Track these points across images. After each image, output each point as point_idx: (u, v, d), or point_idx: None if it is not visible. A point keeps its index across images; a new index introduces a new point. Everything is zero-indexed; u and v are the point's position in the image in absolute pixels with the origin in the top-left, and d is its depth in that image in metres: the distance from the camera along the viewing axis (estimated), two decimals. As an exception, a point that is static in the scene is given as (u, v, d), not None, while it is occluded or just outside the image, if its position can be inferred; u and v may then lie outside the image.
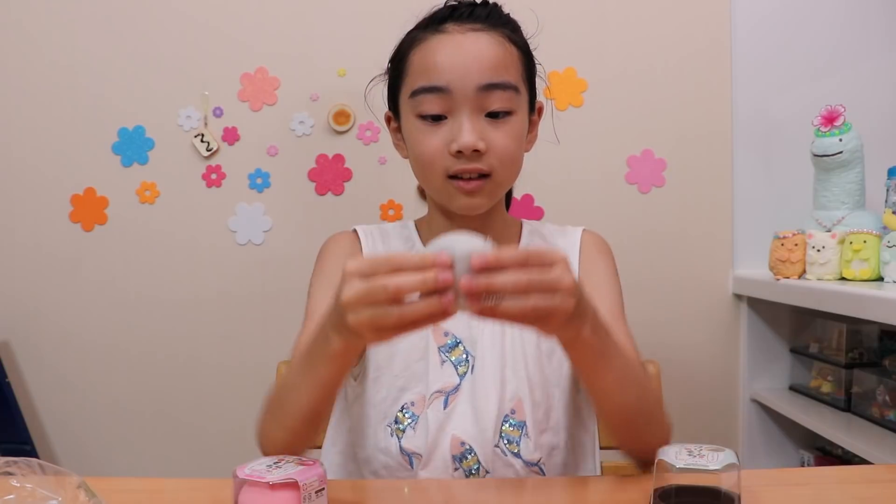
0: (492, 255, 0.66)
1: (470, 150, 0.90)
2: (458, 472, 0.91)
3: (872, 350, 1.55)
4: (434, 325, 0.70)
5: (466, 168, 0.92)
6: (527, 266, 0.66)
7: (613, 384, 0.82)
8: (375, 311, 0.67)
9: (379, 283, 0.66)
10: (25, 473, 0.60)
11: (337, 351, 0.75)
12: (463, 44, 0.93)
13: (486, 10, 0.97)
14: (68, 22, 1.68)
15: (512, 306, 0.66)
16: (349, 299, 0.68)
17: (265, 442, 0.89)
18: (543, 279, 0.67)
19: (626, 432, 0.88)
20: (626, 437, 0.89)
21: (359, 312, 0.67)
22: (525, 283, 0.66)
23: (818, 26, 1.71)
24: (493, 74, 0.92)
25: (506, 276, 0.65)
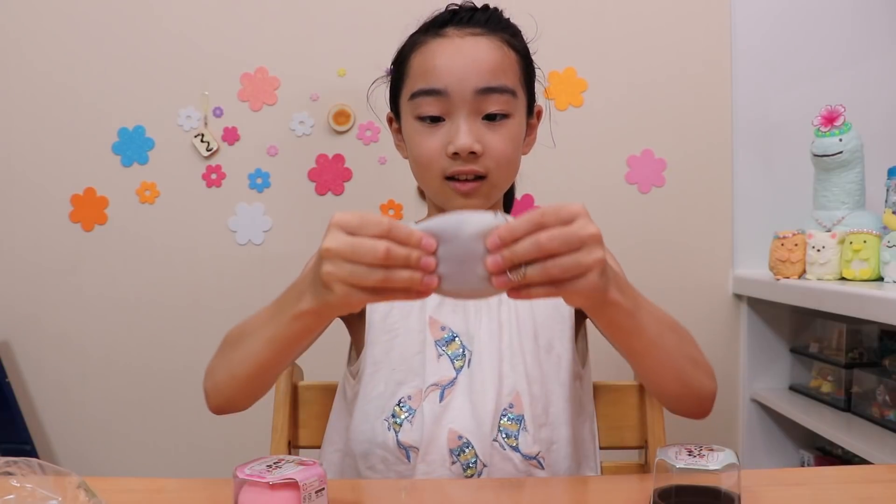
0: (504, 228, 0.64)
1: (466, 152, 0.92)
2: (455, 465, 0.91)
3: (872, 350, 1.55)
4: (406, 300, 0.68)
5: (462, 170, 0.93)
6: (544, 227, 0.64)
7: (654, 337, 0.79)
8: (356, 268, 0.65)
9: (368, 243, 0.65)
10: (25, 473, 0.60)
11: (305, 310, 0.73)
12: (462, 48, 0.94)
13: (486, 14, 0.98)
14: (68, 22, 1.68)
15: (540, 272, 0.64)
16: (331, 248, 0.66)
17: (209, 381, 0.90)
18: (565, 233, 0.64)
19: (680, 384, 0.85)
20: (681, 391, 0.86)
21: (338, 264, 0.66)
22: (546, 241, 0.63)
23: (818, 26, 1.71)
24: (491, 78, 0.93)
25: (525, 242, 0.63)
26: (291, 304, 0.76)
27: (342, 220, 0.67)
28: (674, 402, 0.91)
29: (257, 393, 0.90)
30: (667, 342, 0.82)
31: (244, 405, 0.90)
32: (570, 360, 0.98)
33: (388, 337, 0.98)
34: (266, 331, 0.81)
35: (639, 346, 0.81)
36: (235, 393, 0.88)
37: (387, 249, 0.64)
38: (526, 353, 0.96)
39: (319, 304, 0.72)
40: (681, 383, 0.86)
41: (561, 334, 0.98)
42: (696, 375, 0.86)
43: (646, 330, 0.79)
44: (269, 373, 0.86)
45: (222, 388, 0.88)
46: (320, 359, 1.12)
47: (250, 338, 0.84)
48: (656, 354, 0.82)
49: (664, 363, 0.83)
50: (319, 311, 0.74)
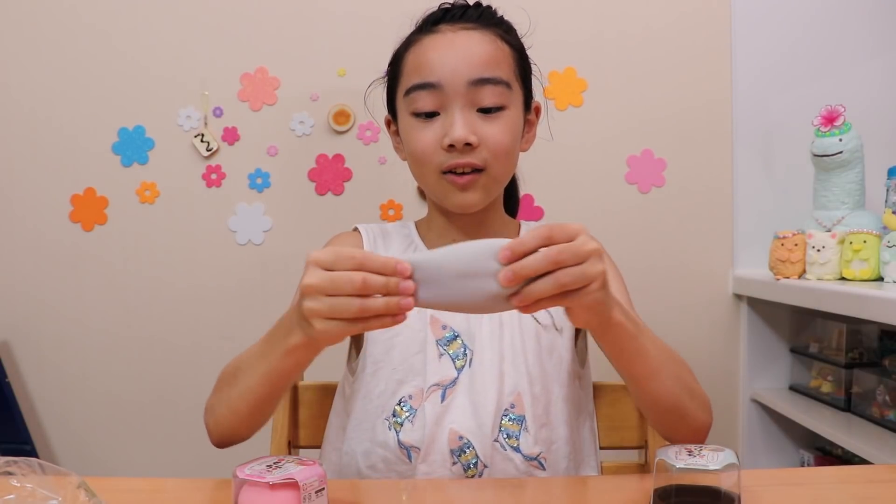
0: (515, 242, 0.67)
1: (462, 143, 0.92)
2: (456, 466, 0.91)
3: (872, 350, 1.55)
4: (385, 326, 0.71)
5: (459, 162, 0.93)
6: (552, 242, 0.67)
7: (655, 364, 0.81)
8: (336, 300, 0.68)
9: (345, 275, 0.67)
10: (25, 473, 0.60)
11: (295, 345, 0.76)
12: (454, 41, 0.95)
13: (478, 11, 0.99)
14: (68, 22, 1.68)
15: (551, 283, 0.66)
16: (311, 284, 0.69)
17: (209, 416, 0.91)
18: (572, 248, 0.67)
19: (676, 415, 0.86)
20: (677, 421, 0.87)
21: (318, 300, 0.69)
22: (556, 254, 0.66)
23: (818, 26, 1.71)
24: (484, 69, 0.93)
25: (537, 256, 0.66)
26: (282, 340, 0.78)
27: (318, 257, 0.70)
28: (668, 430, 0.91)
29: (258, 424, 0.91)
30: (667, 370, 0.83)
31: (246, 436, 0.91)
32: (570, 360, 0.98)
33: (389, 336, 0.97)
34: (260, 366, 0.82)
35: (640, 370, 0.82)
36: (237, 426, 0.89)
37: (363, 279, 0.67)
38: (527, 353, 0.96)
39: (306, 338, 0.74)
40: (677, 412, 0.86)
41: (562, 335, 0.98)
42: (692, 406, 0.87)
43: (648, 355, 0.80)
44: (268, 404, 0.87)
45: (223, 422, 0.89)
46: (320, 359, 1.11)
47: (245, 374, 0.85)
48: (656, 381, 0.83)
49: (663, 391, 0.84)
50: (308, 345, 0.76)
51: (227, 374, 0.89)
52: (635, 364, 0.81)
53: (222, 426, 0.89)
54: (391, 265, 0.68)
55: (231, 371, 0.88)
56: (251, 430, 0.90)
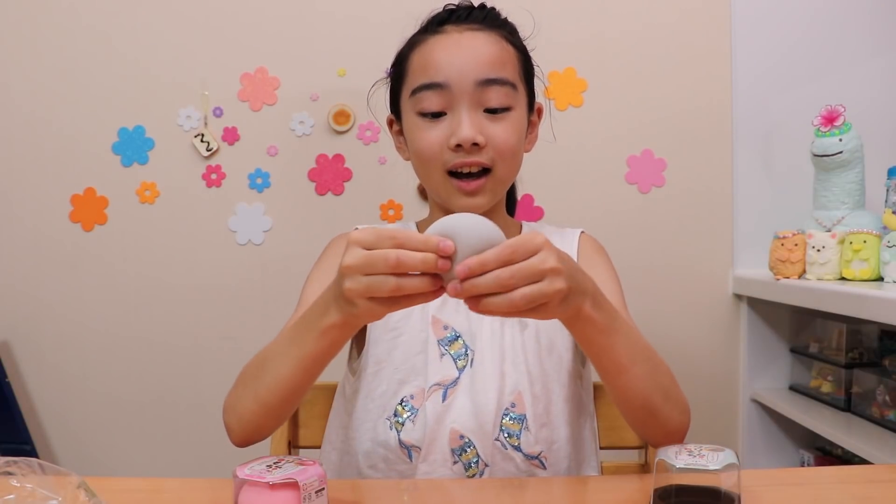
0: (475, 261, 0.66)
1: (469, 143, 0.92)
2: (457, 465, 0.91)
3: (872, 350, 1.55)
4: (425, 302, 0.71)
5: (466, 161, 0.93)
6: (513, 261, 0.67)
7: (625, 360, 0.80)
8: (373, 279, 0.68)
9: (380, 253, 0.67)
10: (25, 473, 0.60)
11: (331, 324, 0.75)
12: (461, 41, 0.95)
13: (484, 12, 1.00)
14: (68, 22, 1.68)
15: (501, 301, 0.67)
16: (349, 264, 0.69)
17: (232, 414, 0.87)
18: (525, 268, 0.67)
19: (646, 412, 0.85)
20: (647, 419, 0.86)
21: (356, 279, 0.69)
22: (507, 277, 0.66)
23: (818, 26, 1.71)
24: (491, 70, 0.94)
25: (487, 277, 0.66)
26: (316, 321, 0.77)
27: (359, 237, 0.70)
28: (639, 428, 0.90)
29: (284, 417, 0.89)
30: (638, 368, 0.82)
31: (270, 432, 0.89)
32: (570, 359, 0.98)
33: (391, 336, 0.98)
34: (293, 351, 0.81)
35: (609, 365, 0.81)
36: (265, 420, 0.86)
37: (397, 257, 0.67)
38: (528, 352, 0.97)
39: (345, 317, 0.74)
40: (647, 411, 0.85)
41: (562, 334, 0.99)
42: (665, 407, 0.85)
43: (617, 351, 0.79)
44: (299, 393, 0.85)
45: (250, 417, 0.86)
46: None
47: (275, 362, 0.83)
48: (625, 377, 0.82)
49: (632, 387, 0.83)
50: (346, 323, 0.75)
51: (253, 367, 0.87)
52: (603, 358, 0.81)
53: (248, 421, 0.86)
54: (433, 242, 0.67)
55: (257, 363, 0.87)
56: (277, 424, 0.89)
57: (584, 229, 1.09)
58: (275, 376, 0.82)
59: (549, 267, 0.68)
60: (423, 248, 0.67)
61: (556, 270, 0.68)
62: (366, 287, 0.68)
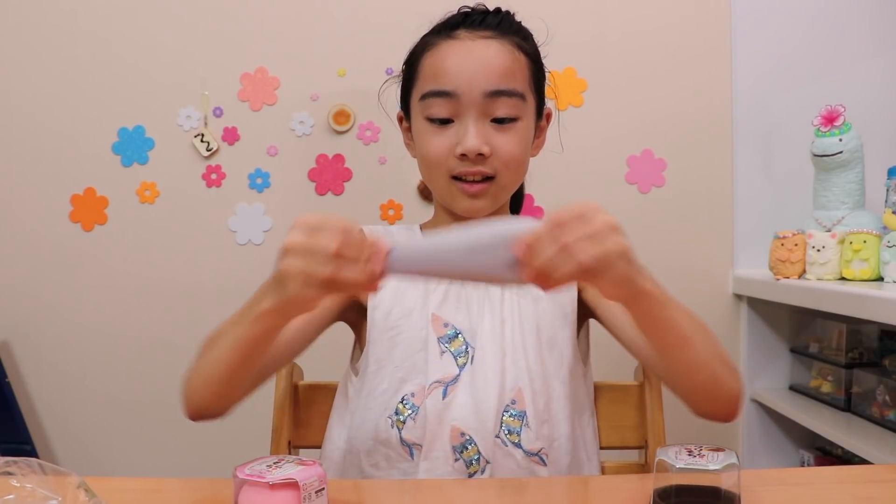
0: (526, 234, 0.67)
1: (474, 153, 0.93)
2: (458, 462, 0.91)
3: (872, 350, 1.55)
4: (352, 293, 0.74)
5: (470, 171, 0.95)
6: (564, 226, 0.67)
7: (686, 331, 0.81)
8: (310, 261, 0.69)
9: (324, 239, 0.69)
10: (25, 473, 0.60)
11: (265, 310, 0.76)
12: (472, 50, 0.95)
13: (498, 17, 0.99)
14: (68, 22, 1.68)
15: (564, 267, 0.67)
16: (290, 244, 0.70)
17: (184, 387, 0.89)
18: (583, 228, 0.67)
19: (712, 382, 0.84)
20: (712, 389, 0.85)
21: (294, 259, 0.70)
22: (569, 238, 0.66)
23: (818, 26, 1.71)
24: (500, 81, 0.94)
25: (548, 243, 0.67)
26: (253, 307, 0.78)
27: (304, 220, 0.71)
28: (703, 403, 0.89)
29: (231, 397, 0.88)
30: (698, 338, 0.82)
31: (219, 410, 0.89)
32: (571, 356, 0.98)
33: (391, 335, 0.98)
34: (231, 334, 0.82)
35: (673, 340, 0.81)
36: (209, 398, 0.87)
37: (339, 244, 0.69)
38: (528, 349, 0.97)
39: (278, 302, 0.75)
40: (712, 382, 0.85)
41: (563, 331, 0.99)
42: (725, 375, 0.85)
43: (679, 323, 0.80)
44: (238, 375, 0.85)
45: (195, 392, 0.88)
46: (320, 359, 1.12)
47: (218, 343, 0.84)
48: (689, 350, 0.82)
49: (696, 360, 0.82)
50: (279, 309, 0.76)
51: (203, 346, 0.89)
52: (668, 333, 0.80)
53: (194, 396, 0.88)
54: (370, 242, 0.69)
55: (206, 342, 0.88)
56: (223, 403, 0.88)
57: None
58: (217, 356, 0.84)
59: (607, 224, 0.68)
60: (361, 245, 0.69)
61: (614, 227, 0.68)
62: (303, 267, 0.69)
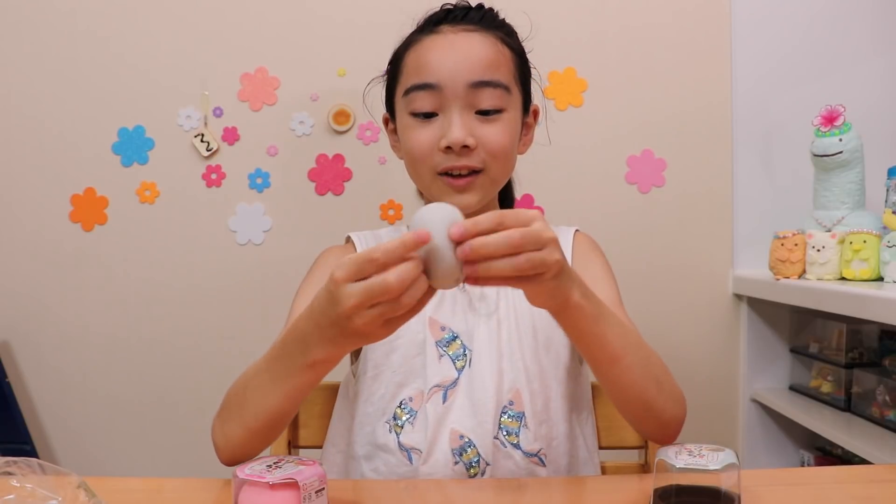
0: (468, 222, 0.66)
1: (459, 145, 0.92)
2: (458, 465, 0.91)
3: (872, 350, 1.55)
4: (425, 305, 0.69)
5: (456, 165, 0.94)
6: (504, 227, 0.66)
7: (616, 349, 0.80)
8: (383, 308, 0.66)
9: (377, 282, 0.64)
10: (25, 473, 0.60)
11: (319, 359, 0.73)
12: (455, 42, 0.95)
13: (480, 13, 0.99)
14: (68, 22, 1.68)
15: (504, 264, 0.66)
16: (352, 305, 0.66)
17: (220, 436, 0.86)
18: (532, 233, 0.67)
19: (642, 404, 0.85)
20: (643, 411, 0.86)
21: (364, 314, 0.66)
22: (518, 238, 0.66)
23: (818, 26, 1.71)
24: (484, 72, 0.93)
25: (497, 237, 0.65)
26: (300, 355, 0.75)
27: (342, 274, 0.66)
28: (635, 422, 0.90)
29: (273, 438, 0.88)
30: (630, 357, 0.81)
31: (259, 451, 0.88)
32: (568, 356, 0.98)
33: (389, 339, 0.97)
34: (278, 385, 0.79)
35: (601, 355, 0.81)
36: (253, 444, 0.85)
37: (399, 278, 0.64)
38: (525, 350, 0.97)
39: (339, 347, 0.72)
40: (642, 403, 0.84)
41: (559, 331, 0.98)
42: (660, 398, 0.85)
43: (608, 339, 0.79)
44: (285, 419, 0.84)
45: (238, 441, 0.85)
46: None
47: (260, 393, 0.81)
48: (617, 367, 0.81)
49: (625, 378, 0.82)
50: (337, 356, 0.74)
51: (237, 393, 0.85)
52: (594, 348, 0.80)
53: (236, 445, 0.85)
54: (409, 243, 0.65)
55: (240, 388, 0.85)
56: (267, 443, 0.88)
57: (582, 228, 1.08)
58: (259, 406, 0.81)
59: (549, 236, 0.68)
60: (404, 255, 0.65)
61: (554, 241, 0.69)
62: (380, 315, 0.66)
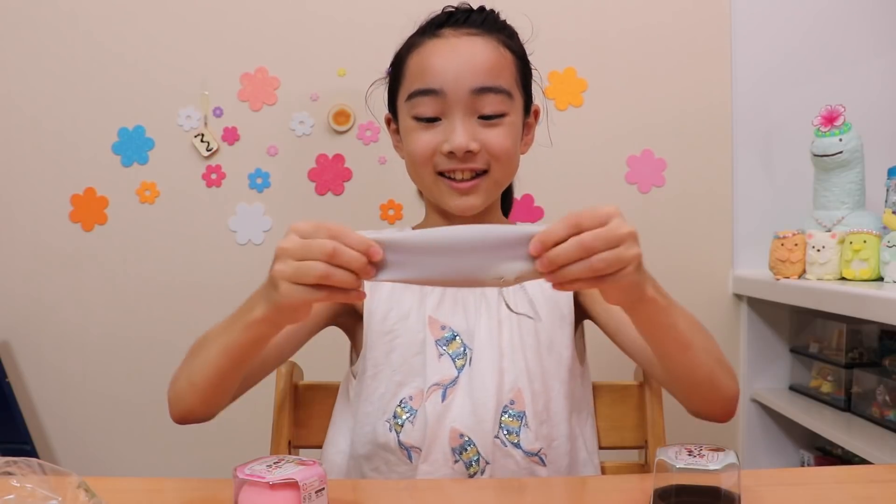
0: (545, 233, 0.67)
1: (462, 151, 0.93)
2: (457, 464, 0.91)
3: (872, 350, 1.55)
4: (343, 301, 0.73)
5: (458, 167, 0.95)
6: (581, 228, 0.67)
7: (688, 336, 0.82)
8: (302, 264, 0.69)
9: (318, 242, 0.69)
10: (25, 473, 0.60)
11: (256, 318, 0.76)
12: (457, 47, 0.95)
13: (482, 16, 1.00)
14: (68, 22, 1.68)
15: (581, 267, 0.67)
16: (285, 248, 0.70)
17: (171, 389, 0.90)
18: (605, 232, 0.67)
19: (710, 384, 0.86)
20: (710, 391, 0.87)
21: (288, 262, 0.70)
22: (591, 240, 0.67)
23: (818, 27, 1.71)
24: (487, 78, 0.94)
25: (569, 245, 0.67)
26: (245, 314, 0.79)
27: (298, 225, 0.72)
28: (701, 404, 0.91)
29: (217, 401, 0.89)
30: (698, 341, 0.84)
31: (204, 414, 0.89)
32: (570, 356, 0.98)
33: (389, 339, 0.98)
34: (221, 340, 0.83)
35: (673, 345, 0.82)
36: (194, 401, 0.88)
37: (334, 247, 0.68)
38: (526, 350, 0.97)
39: (269, 309, 0.75)
40: (710, 383, 0.86)
41: (561, 332, 0.99)
42: (724, 376, 0.87)
43: (680, 328, 0.81)
44: (226, 380, 0.87)
45: (181, 395, 0.88)
46: (320, 359, 1.12)
47: (208, 347, 0.85)
48: (689, 353, 0.83)
49: (696, 363, 0.84)
50: (269, 318, 0.76)
51: (193, 348, 0.89)
52: (669, 338, 0.82)
53: (181, 400, 0.88)
54: (365, 244, 0.69)
55: (196, 345, 0.89)
56: (209, 407, 0.89)
57: None
58: (205, 361, 0.85)
59: (626, 231, 0.69)
60: (357, 248, 0.69)
61: (632, 235, 0.69)
62: (294, 271, 0.70)
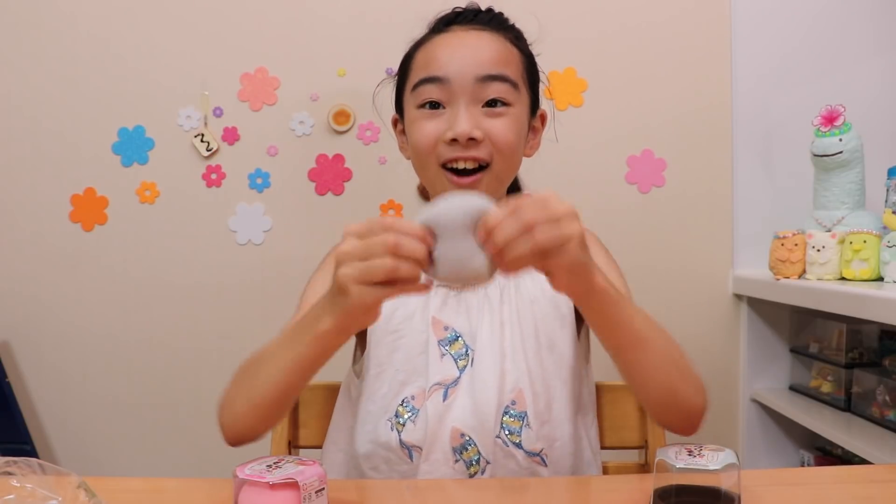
0: (488, 218, 0.68)
1: (465, 137, 0.92)
2: (458, 464, 0.91)
3: (872, 350, 1.55)
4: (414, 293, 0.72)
5: (462, 155, 0.94)
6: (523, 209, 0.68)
7: (642, 331, 0.81)
8: (369, 263, 0.69)
9: (378, 238, 0.69)
10: (25, 473, 0.60)
11: (325, 330, 0.76)
12: (464, 39, 0.97)
13: (490, 15, 1.01)
14: (68, 22, 1.68)
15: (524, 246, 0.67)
16: (345, 251, 0.70)
17: (226, 414, 0.88)
18: (544, 212, 0.68)
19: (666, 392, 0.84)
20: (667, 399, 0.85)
21: (352, 265, 0.70)
22: (529, 216, 0.67)
23: (818, 26, 1.71)
24: (491, 67, 0.94)
25: (509, 220, 0.68)
26: (311, 326, 0.78)
27: (353, 227, 0.72)
28: (659, 411, 0.89)
29: (277, 419, 0.89)
30: (655, 342, 0.82)
31: (263, 432, 0.89)
32: (571, 357, 0.98)
33: (393, 338, 0.98)
34: (286, 356, 0.81)
35: (626, 340, 0.81)
36: (257, 421, 0.87)
37: (396, 240, 0.68)
38: (528, 351, 0.97)
39: (339, 317, 0.74)
40: (668, 391, 0.84)
41: (562, 332, 0.98)
42: (683, 385, 0.85)
43: (633, 323, 0.80)
44: (290, 397, 0.86)
45: (242, 418, 0.86)
46: (320, 359, 1.12)
47: (268, 364, 0.83)
48: (642, 351, 0.82)
49: (651, 365, 0.82)
50: (340, 326, 0.76)
51: (248, 368, 0.88)
52: (619, 332, 0.80)
53: (240, 422, 0.87)
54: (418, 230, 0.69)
55: (252, 364, 0.87)
56: (269, 426, 0.89)
57: None
58: (267, 379, 0.83)
59: (565, 208, 0.70)
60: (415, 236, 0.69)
61: (571, 212, 0.70)
62: (361, 271, 0.69)
